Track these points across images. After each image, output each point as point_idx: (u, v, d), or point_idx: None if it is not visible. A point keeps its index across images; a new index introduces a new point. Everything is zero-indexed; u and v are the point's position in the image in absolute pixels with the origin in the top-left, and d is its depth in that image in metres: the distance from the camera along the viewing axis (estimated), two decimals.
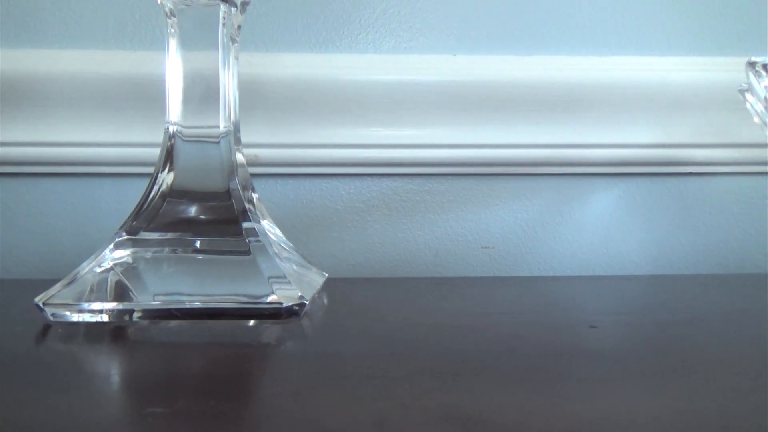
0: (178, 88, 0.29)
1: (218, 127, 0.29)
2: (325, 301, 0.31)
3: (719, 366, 0.20)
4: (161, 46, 0.29)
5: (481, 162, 0.45)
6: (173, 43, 0.29)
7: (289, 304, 0.27)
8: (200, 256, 0.28)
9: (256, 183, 0.32)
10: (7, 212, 0.44)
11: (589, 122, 0.45)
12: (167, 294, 0.24)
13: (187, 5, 0.28)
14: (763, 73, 0.35)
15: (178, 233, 0.26)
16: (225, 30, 0.29)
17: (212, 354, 0.22)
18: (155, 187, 0.29)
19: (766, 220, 0.48)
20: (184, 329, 0.24)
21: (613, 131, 0.45)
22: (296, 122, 0.44)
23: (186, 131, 0.29)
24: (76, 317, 0.26)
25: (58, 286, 0.27)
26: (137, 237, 0.28)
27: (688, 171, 0.47)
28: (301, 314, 0.27)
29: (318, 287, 0.31)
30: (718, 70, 0.45)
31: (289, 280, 0.28)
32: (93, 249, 0.29)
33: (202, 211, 0.29)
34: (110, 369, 0.19)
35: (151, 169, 0.30)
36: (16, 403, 0.17)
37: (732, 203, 0.48)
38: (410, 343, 0.23)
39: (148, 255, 0.28)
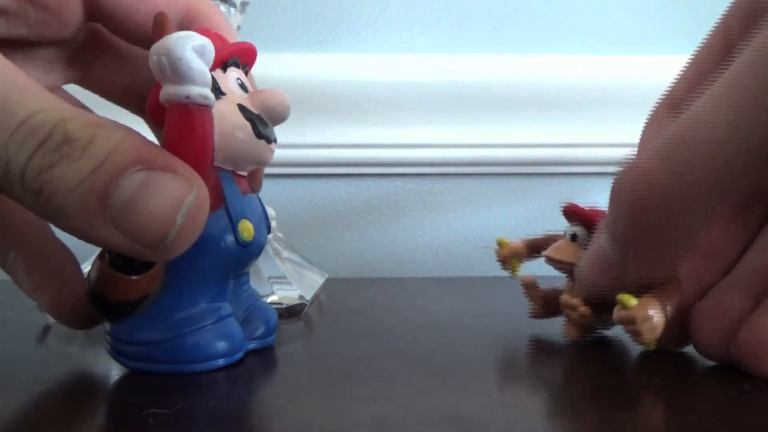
0: None
1: None
2: (325, 301, 0.31)
3: (720, 365, 0.21)
4: None
5: (481, 162, 0.45)
6: None
7: (290, 304, 0.27)
8: None
9: None
10: None
11: (589, 122, 0.45)
12: None
13: None
14: None
15: None
16: None
17: None
18: None
19: None
20: None
21: (613, 130, 0.45)
22: (296, 122, 0.44)
23: None
24: None
25: None
26: None
27: None
28: (302, 314, 0.27)
29: (318, 287, 0.31)
30: None
31: (290, 280, 0.28)
32: (94, 251, 0.29)
33: None
34: (110, 370, 0.19)
35: None
36: (15, 404, 0.17)
37: None
38: (410, 343, 0.23)
39: None
